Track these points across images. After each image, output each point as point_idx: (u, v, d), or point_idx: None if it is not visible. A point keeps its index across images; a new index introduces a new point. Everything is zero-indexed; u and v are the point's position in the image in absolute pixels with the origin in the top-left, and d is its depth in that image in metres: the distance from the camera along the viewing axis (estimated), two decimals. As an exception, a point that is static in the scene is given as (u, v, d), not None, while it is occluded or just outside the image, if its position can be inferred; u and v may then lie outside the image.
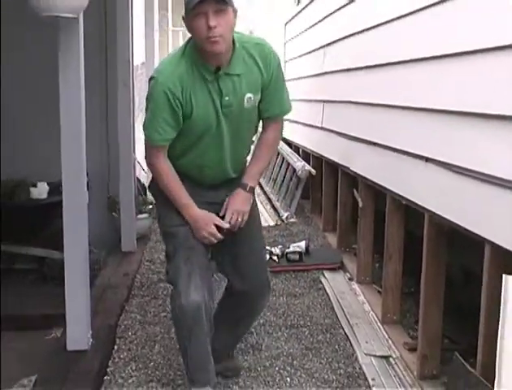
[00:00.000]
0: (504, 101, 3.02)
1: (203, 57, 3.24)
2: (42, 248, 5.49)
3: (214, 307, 3.71)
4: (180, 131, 3.35)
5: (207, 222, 3.46)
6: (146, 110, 3.38)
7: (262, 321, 4.73)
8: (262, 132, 3.68)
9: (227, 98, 3.31)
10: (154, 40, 9.35)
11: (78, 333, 4.07)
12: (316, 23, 7.80)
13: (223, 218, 3.51)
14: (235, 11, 3.19)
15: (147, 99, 3.35)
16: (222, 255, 3.72)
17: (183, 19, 3.29)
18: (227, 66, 3.29)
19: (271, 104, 3.53)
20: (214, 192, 3.59)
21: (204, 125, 3.35)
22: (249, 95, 3.37)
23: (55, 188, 5.04)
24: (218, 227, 3.47)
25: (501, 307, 2.67)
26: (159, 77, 3.27)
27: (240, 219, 3.53)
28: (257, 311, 4.05)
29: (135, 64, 7.20)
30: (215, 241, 3.48)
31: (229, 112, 3.36)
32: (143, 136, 3.43)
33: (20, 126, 6.01)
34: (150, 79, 3.32)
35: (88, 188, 4.26)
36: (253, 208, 3.73)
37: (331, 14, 6.93)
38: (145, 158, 3.50)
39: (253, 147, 3.73)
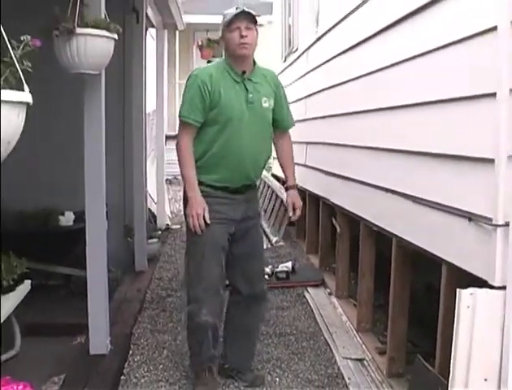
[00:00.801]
0: (454, 142, 3.10)
1: (233, 63, 3.66)
2: (69, 267, 5.51)
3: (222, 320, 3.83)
4: (210, 119, 3.60)
5: (200, 205, 3.57)
6: (183, 99, 3.68)
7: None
8: (281, 144, 4.06)
9: (251, 95, 3.67)
10: (163, 91, 9.42)
11: (99, 340, 4.09)
12: (299, 78, 7.88)
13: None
14: (257, 32, 3.66)
15: (184, 91, 3.68)
16: (233, 267, 3.80)
17: (221, 37, 3.73)
18: (250, 73, 3.70)
19: (286, 117, 3.98)
20: (233, 209, 3.71)
21: (229, 113, 3.61)
22: (265, 98, 3.74)
23: (80, 217, 5.07)
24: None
25: (456, 316, 2.71)
26: (195, 74, 3.68)
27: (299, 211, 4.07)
28: (262, 314, 4.21)
29: (147, 112, 7.26)
30: (197, 221, 3.56)
31: (252, 107, 3.66)
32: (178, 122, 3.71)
33: (54, 164, 6.06)
34: (188, 77, 3.68)
35: (107, 217, 4.30)
36: (258, 223, 4.03)
37: (311, 70, 7.02)
38: (177, 141, 3.68)
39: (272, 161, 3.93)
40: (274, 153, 4.08)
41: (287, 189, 4.12)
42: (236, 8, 3.62)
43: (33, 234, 5.25)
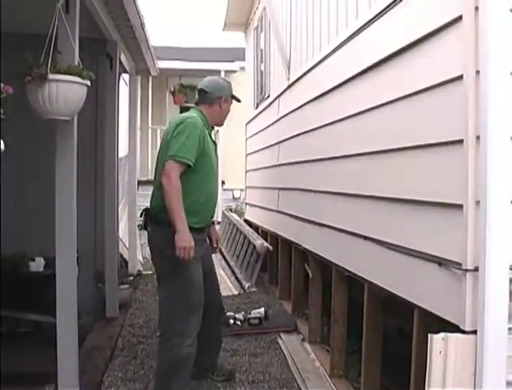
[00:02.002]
0: (423, 188, 3.16)
1: (209, 121, 4.29)
2: (39, 314, 5.42)
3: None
4: (198, 166, 3.99)
5: (191, 238, 3.86)
6: (178, 140, 3.94)
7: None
8: None
9: (216, 146, 4.35)
10: (136, 136, 9.45)
11: (68, 389, 3.99)
12: (272, 124, 7.97)
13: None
14: None
15: (181, 132, 3.97)
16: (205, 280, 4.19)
17: (221, 98, 4.34)
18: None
19: None
20: (201, 246, 4.18)
21: (212, 161, 4.18)
22: None
23: (50, 262, 5.02)
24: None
25: (428, 361, 2.72)
26: (194, 119, 4.09)
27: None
28: (221, 324, 4.83)
29: (119, 157, 7.27)
30: (188, 254, 3.84)
31: (216, 156, 4.33)
32: (169, 161, 3.93)
33: (25, 209, 6.03)
34: (182, 121, 4.04)
35: (78, 263, 4.26)
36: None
37: (283, 117, 7.11)
38: (164, 173, 3.89)
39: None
40: (248, 200, 4.14)
41: (212, 225, 4.64)
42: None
43: (2, 280, 5.18)
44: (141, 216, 4.28)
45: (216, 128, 5.27)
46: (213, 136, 4.35)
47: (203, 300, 4.10)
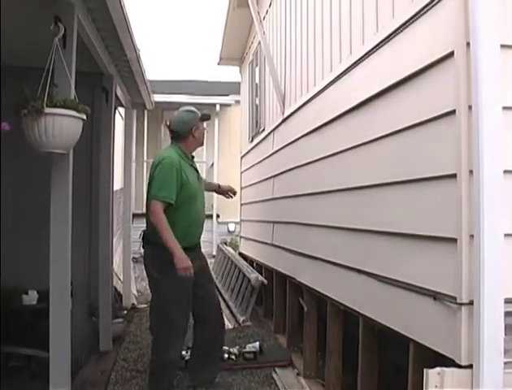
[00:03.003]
0: (418, 222, 3.17)
1: (186, 150, 4.81)
2: (31, 348, 5.37)
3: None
4: (185, 197, 4.59)
5: (187, 259, 4.43)
6: (157, 181, 4.55)
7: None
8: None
9: (199, 173, 4.92)
10: (131, 169, 9.47)
11: (60, 425, 3.96)
12: (267, 158, 8.01)
13: None
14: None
15: (159, 174, 4.56)
16: (198, 303, 4.81)
17: (194, 128, 4.83)
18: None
19: None
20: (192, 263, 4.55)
21: (194, 188, 4.71)
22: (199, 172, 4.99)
23: (44, 295, 5.00)
24: None
25: (423, 396, 2.71)
26: (169, 159, 4.63)
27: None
28: (222, 339, 5.17)
29: (114, 190, 7.28)
30: (189, 271, 4.43)
31: (200, 182, 4.88)
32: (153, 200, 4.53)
33: (18, 241, 6.02)
34: (159, 162, 4.61)
35: (71, 296, 4.24)
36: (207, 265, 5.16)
37: (278, 150, 7.15)
38: (151, 212, 4.51)
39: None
40: (243, 233, 4.17)
41: (219, 187, 5.68)
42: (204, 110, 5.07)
43: (-5, 313, 5.14)
44: (139, 237, 4.86)
45: (210, 162, 5.95)
46: (194, 164, 4.90)
47: (187, 310, 4.74)
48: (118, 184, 8.66)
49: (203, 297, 4.87)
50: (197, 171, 4.91)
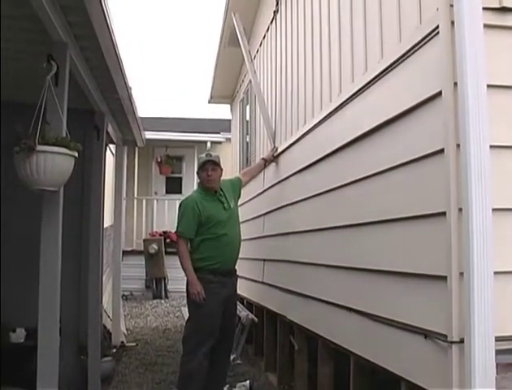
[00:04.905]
0: (408, 260, 3.17)
1: (206, 190, 5.58)
2: (18, 387, 5.29)
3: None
4: (211, 225, 5.39)
5: (199, 285, 5.25)
6: (179, 220, 5.49)
7: None
8: (244, 174, 6.68)
9: (225, 204, 5.57)
10: (121, 206, 9.46)
11: None
12: (258, 195, 8.01)
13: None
14: (221, 170, 5.66)
15: (179, 213, 5.53)
16: (225, 325, 5.45)
17: (197, 173, 5.68)
18: (218, 192, 5.61)
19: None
20: (222, 288, 5.36)
21: (220, 217, 5.46)
22: (232, 200, 5.69)
23: (32, 333, 4.95)
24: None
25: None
26: (185, 200, 5.59)
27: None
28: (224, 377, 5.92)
29: (104, 227, 7.26)
30: (199, 296, 5.21)
31: (227, 210, 5.55)
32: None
33: (6, 279, 5.96)
34: (181, 203, 5.58)
35: (60, 334, 4.19)
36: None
37: (269, 188, 7.16)
38: (176, 245, 5.57)
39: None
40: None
41: (265, 160, 6.70)
42: (206, 155, 5.65)
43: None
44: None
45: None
46: (221, 197, 5.59)
47: (214, 328, 5.31)
48: (108, 220, 8.64)
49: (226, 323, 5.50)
50: (222, 202, 5.57)
